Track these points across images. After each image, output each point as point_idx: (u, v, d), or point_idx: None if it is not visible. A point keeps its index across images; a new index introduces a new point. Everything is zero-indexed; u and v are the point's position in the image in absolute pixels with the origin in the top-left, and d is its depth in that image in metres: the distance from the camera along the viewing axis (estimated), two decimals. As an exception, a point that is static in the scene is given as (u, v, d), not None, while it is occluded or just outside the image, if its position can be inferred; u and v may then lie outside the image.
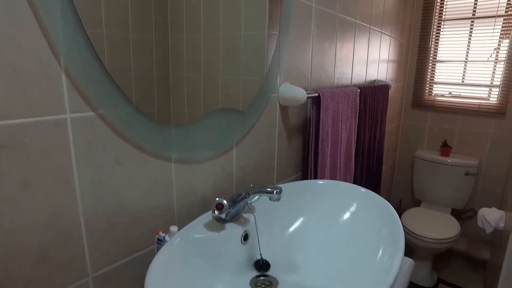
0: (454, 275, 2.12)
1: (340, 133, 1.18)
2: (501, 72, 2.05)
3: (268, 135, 0.97)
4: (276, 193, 0.63)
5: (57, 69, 0.49)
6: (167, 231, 0.67)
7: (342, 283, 0.66)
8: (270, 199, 0.64)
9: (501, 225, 1.63)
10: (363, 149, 1.44)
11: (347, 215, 0.79)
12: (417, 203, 2.37)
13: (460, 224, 1.99)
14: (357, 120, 1.31)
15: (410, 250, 2.01)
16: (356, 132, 1.31)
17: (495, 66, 2.10)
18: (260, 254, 0.75)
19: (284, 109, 1.01)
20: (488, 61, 2.11)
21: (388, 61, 1.88)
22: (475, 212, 2.22)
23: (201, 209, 0.78)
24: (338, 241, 0.74)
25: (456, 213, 2.21)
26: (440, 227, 1.90)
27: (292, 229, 0.79)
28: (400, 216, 2.04)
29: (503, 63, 2.03)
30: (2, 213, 0.47)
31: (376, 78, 1.73)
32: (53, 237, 0.54)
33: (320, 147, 1.08)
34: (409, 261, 0.88)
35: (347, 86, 1.39)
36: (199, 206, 0.78)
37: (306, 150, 1.13)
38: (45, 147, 0.50)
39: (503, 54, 2.04)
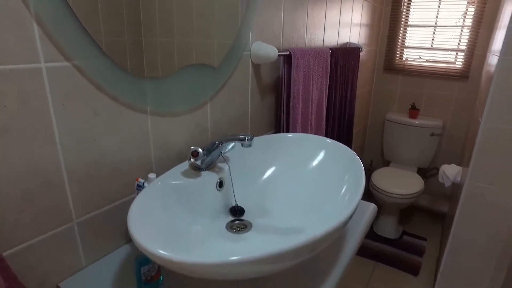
0: (417, 227, 2.32)
1: (311, 91, 1.24)
2: (467, 37, 2.15)
3: (241, 92, 1.01)
4: (247, 139, 0.68)
5: (27, 16, 0.51)
6: (145, 179, 0.71)
7: (308, 221, 0.73)
8: (242, 145, 0.69)
9: (458, 179, 1.78)
10: (334, 109, 1.51)
11: (315, 163, 0.86)
12: (386, 163, 2.52)
13: (424, 182, 2.15)
14: (328, 80, 1.37)
15: (378, 206, 2.16)
16: (327, 92, 1.37)
17: (462, 31, 2.19)
18: (235, 201, 0.81)
19: (256, 67, 1.05)
20: (455, 26, 2.20)
21: (360, 24, 1.92)
22: (438, 170, 2.39)
23: (177, 162, 0.83)
24: (306, 186, 0.82)
25: (422, 172, 2.38)
26: (406, 184, 2.05)
27: (264, 177, 0.85)
28: (370, 176, 2.19)
29: (469, 28, 2.13)
30: (-15, 156, 0.50)
31: (348, 41, 1.78)
32: (37, 184, 0.57)
33: (291, 104, 1.13)
34: (372, 205, 0.98)
35: (319, 47, 1.43)
36: (175, 159, 0.82)
37: (278, 107, 1.18)
38: (22, 95, 0.52)
39: (469, 20, 2.13)
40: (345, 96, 1.61)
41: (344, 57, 1.50)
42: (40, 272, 0.61)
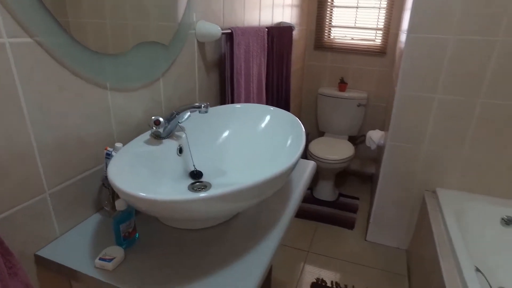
0: (350, 188, 2.64)
1: (251, 67, 1.36)
2: (383, 17, 2.45)
3: (189, 69, 1.09)
4: (204, 106, 0.78)
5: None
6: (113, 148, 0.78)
7: (261, 174, 0.87)
8: (199, 112, 0.79)
9: (382, 142, 2.08)
10: (272, 83, 1.66)
11: (262, 126, 0.99)
12: (321, 134, 2.78)
13: (355, 148, 2.45)
14: (266, 57, 1.50)
15: (316, 173, 2.42)
16: (265, 68, 1.51)
17: (379, 12, 2.49)
18: (194, 165, 0.91)
19: (201, 45, 1.14)
20: (373, 7, 2.48)
21: (292, 5, 2.08)
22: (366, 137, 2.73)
23: (136, 134, 0.90)
24: (256, 145, 0.95)
25: (352, 139, 2.69)
26: (339, 151, 2.32)
27: (218, 142, 0.97)
28: (307, 146, 2.42)
29: (384, 9, 2.43)
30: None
31: (281, 21, 1.93)
32: (10, 157, 0.61)
33: (235, 79, 1.25)
34: (312, 163, 1.15)
35: (256, 26, 1.55)
36: (133, 131, 0.89)
37: (223, 82, 1.29)
38: None
39: (384, 2, 2.42)
40: (281, 71, 1.77)
41: (279, 35, 1.64)
42: (18, 242, 0.65)
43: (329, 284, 1.72)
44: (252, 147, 0.95)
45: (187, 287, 0.61)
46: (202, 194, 0.56)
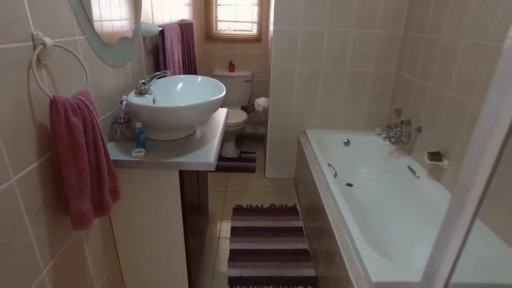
0: (248, 147, 3.53)
1: (174, 53, 2.05)
2: (257, 13, 3.36)
3: (139, 55, 1.72)
4: (169, 73, 1.46)
5: (70, 11, 1.13)
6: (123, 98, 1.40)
7: (202, 112, 1.60)
8: (166, 76, 1.47)
9: (266, 105, 2.99)
10: (185, 65, 2.36)
11: (197, 85, 1.72)
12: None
13: (247, 115, 3.33)
14: (181, 46, 2.20)
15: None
16: (181, 54, 2.21)
17: (253, 8, 3.39)
18: (160, 112, 1.58)
19: (144, 39, 1.78)
20: (248, 5, 3.37)
21: (187, 4, 2.79)
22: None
23: (122, 94, 1.51)
24: (196, 94, 1.67)
25: (244, 108, 3.58)
26: (235, 117, 3.16)
27: (173, 94, 1.65)
28: (212, 116, 3.18)
29: (257, 6, 3.34)
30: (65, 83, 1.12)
31: (184, 18, 2.62)
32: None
33: (167, 62, 1.92)
34: (225, 109, 1.92)
35: (169, 23, 2.22)
36: (121, 93, 1.51)
37: (157, 64, 1.95)
38: (74, 55, 1.14)
39: (256, 1, 3.33)
40: (190, 57, 2.48)
41: (186, 29, 2.34)
42: (82, 151, 1.24)
43: (245, 206, 2.55)
44: (194, 95, 1.67)
45: (180, 158, 1.31)
46: (183, 104, 1.28)
